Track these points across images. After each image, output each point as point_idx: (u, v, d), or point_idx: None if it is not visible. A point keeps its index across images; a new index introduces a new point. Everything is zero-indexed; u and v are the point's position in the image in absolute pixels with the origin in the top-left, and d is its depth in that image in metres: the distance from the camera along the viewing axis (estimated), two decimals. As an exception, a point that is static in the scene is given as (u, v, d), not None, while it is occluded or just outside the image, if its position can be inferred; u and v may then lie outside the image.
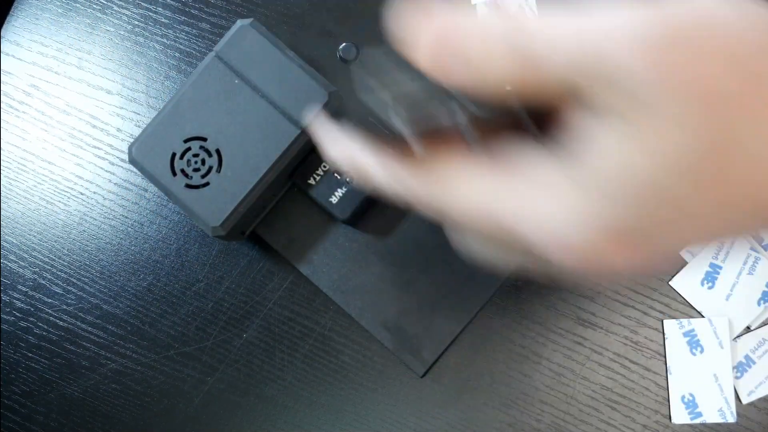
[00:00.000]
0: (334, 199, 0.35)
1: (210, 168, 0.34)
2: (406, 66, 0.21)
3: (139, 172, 0.36)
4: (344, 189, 0.35)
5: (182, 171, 0.34)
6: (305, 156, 0.35)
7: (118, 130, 0.42)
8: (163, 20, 0.42)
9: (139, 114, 0.42)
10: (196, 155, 0.34)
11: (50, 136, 0.43)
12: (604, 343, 0.40)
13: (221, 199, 0.34)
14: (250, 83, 0.34)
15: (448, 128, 0.21)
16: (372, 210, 0.37)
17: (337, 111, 0.34)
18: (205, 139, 0.34)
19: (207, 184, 0.34)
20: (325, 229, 0.36)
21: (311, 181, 0.35)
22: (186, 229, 0.42)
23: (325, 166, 0.34)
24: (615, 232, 0.18)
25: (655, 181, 0.17)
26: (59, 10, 0.43)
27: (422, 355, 0.36)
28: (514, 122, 0.21)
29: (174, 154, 0.34)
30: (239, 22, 0.34)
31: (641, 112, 0.17)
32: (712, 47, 0.16)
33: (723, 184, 0.17)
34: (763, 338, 0.40)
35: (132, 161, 0.35)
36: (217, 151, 0.34)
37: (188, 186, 0.34)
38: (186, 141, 0.34)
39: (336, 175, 0.35)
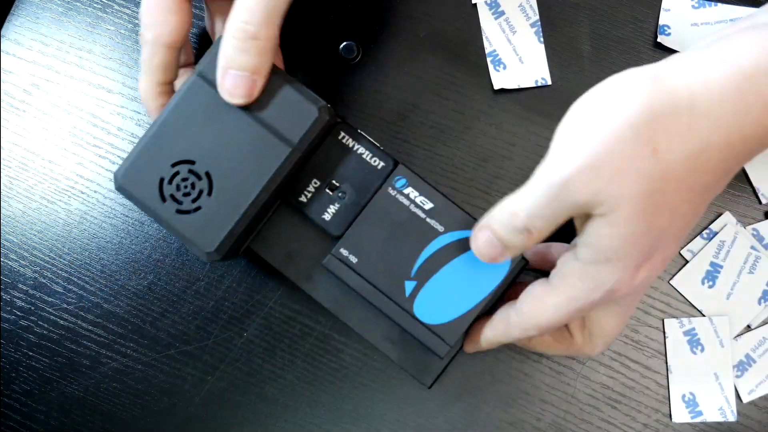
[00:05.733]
0: (327, 216, 0.34)
1: (200, 192, 0.32)
2: None
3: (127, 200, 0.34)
4: (337, 205, 0.34)
5: (172, 196, 0.33)
6: (296, 172, 0.34)
7: (119, 129, 0.42)
8: (163, 19, 0.42)
9: (139, 113, 0.42)
10: (185, 179, 0.33)
11: (51, 134, 0.43)
12: (605, 342, 0.40)
13: (214, 223, 0.32)
14: None
15: None
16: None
17: (328, 124, 0.33)
18: (193, 162, 0.32)
19: (198, 208, 0.32)
20: (322, 244, 0.35)
21: (303, 199, 0.34)
22: (187, 227, 0.42)
23: (316, 182, 0.34)
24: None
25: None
26: (60, 9, 0.43)
27: (429, 366, 0.35)
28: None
29: (162, 179, 0.32)
30: (220, 38, 0.33)
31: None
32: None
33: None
34: (763, 337, 0.40)
35: (119, 188, 0.33)
36: (207, 174, 0.32)
37: (179, 211, 0.32)
38: (174, 165, 0.32)
39: (328, 190, 0.34)
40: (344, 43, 0.42)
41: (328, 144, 0.34)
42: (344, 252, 0.34)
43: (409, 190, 0.34)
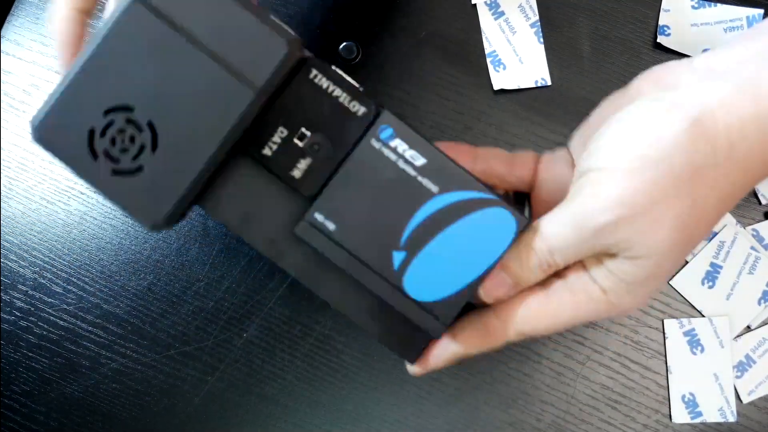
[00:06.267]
0: (297, 173, 0.28)
1: (142, 147, 0.26)
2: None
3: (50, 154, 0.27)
4: (309, 159, 0.28)
5: (106, 153, 0.26)
6: (259, 119, 0.28)
7: (119, 129, 0.42)
8: (163, 19, 0.42)
9: (139, 113, 0.42)
10: (121, 131, 0.26)
11: (50, 135, 0.43)
12: (605, 343, 0.40)
13: (161, 187, 0.26)
14: (186, 33, 0.26)
15: None
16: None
17: (298, 62, 0.27)
18: (131, 109, 0.26)
19: (140, 168, 0.26)
20: (288, 203, 0.29)
21: (267, 152, 0.28)
22: (186, 228, 0.42)
23: (282, 132, 0.28)
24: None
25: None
26: (59, 10, 0.43)
27: (413, 340, 0.30)
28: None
29: (92, 131, 0.26)
30: None
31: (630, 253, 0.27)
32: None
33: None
34: (763, 338, 0.40)
35: (38, 140, 0.26)
36: (150, 125, 0.26)
37: (116, 172, 0.26)
38: (107, 113, 0.26)
39: (297, 141, 0.28)
40: (344, 43, 0.42)
41: (297, 84, 0.28)
42: (319, 218, 0.28)
43: (396, 143, 0.28)
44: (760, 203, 0.40)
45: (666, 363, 0.40)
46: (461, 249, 0.28)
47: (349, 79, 0.28)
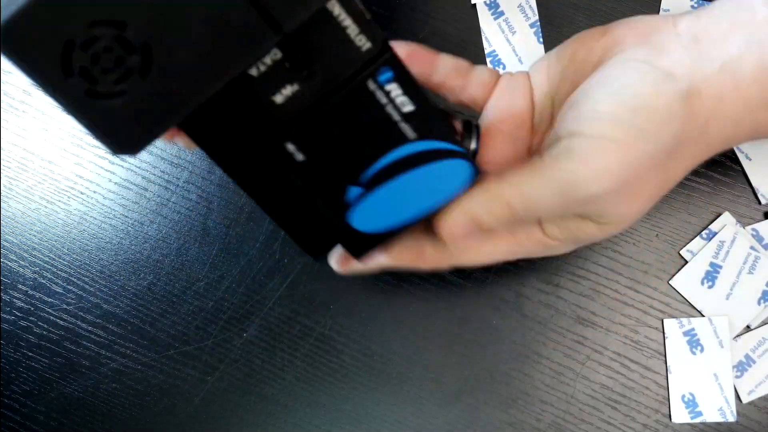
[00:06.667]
0: (279, 98, 0.25)
1: (129, 71, 0.22)
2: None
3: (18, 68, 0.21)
4: (296, 86, 0.25)
5: (83, 70, 0.21)
6: None
7: (119, 129, 0.42)
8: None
9: (139, 113, 0.42)
10: (108, 49, 0.21)
11: (50, 135, 0.43)
12: (604, 343, 0.40)
13: (145, 116, 0.22)
14: None
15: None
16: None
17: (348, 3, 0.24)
18: (123, 26, 0.21)
19: (122, 92, 0.22)
20: (262, 127, 0.26)
21: (254, 72, 0.25)
22: (186, 228, 0.42)
23: (276, 53, 0.25)
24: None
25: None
26: (59, 10, 0.43)
27: (320, 238, 0.29)
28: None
29: (71, 43, 0.21)
30: None
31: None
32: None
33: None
34: (763, 337, 0.40)
35: (2, 44, 0.20)
36: (144, 47, 0.21)
37: (91, 93, 0.22)
38: (92, 25, 0.21)
39: (287, 65, 0.25)
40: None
41: None
42: (290, 148, 0.26)
43: (391, 87, 0.26)
44: (760, 203, 0.40)
45: (666, 363, 0.40)
46: (412, 192, 0.28)
47: (362, 7, 0.25)
